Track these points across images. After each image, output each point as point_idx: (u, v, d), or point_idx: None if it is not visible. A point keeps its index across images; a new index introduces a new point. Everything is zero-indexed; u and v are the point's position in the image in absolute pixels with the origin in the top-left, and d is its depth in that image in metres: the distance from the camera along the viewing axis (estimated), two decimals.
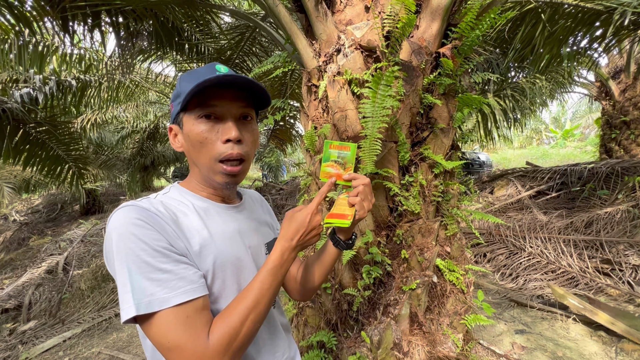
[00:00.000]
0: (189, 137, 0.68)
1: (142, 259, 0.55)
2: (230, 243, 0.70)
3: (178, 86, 0.70)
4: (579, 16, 3.21)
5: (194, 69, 0.70)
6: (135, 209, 0.59)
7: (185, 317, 0.55)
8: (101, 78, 5.64)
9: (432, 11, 1.59)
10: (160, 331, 0.54)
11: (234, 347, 0.57)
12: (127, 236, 0.56)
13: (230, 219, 0.74)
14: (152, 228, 0.58)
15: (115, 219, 0.59)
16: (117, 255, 0.55)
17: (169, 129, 0.72)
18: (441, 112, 1.63)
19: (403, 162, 1.59)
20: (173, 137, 0.72)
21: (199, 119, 0.67)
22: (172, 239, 0.60)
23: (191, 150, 0.70)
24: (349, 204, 0.76)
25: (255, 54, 4.51)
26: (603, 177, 4.82)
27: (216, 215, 0.71)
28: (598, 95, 6.50)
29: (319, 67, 1.69)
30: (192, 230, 0.65)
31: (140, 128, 9.95)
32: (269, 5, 1.77)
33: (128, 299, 0.54)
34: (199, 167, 0.71)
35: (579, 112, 18.44)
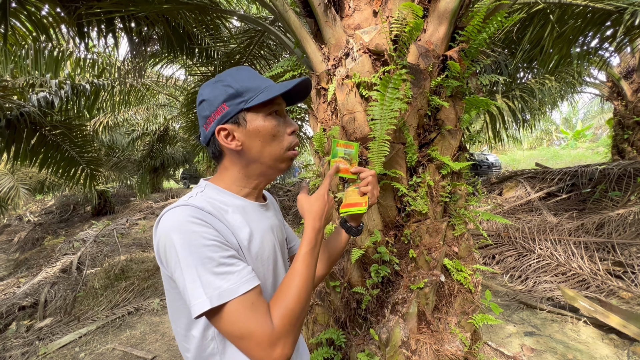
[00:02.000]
0: (260, 132, 0.73)
1: (206, 254, 0.59)
2: (267, 238, 0.77)
3: (235, 85, 0.71)
4: (589, 16, 3.19)
5: (237, 68, 0.76)
6: (190, 209, 0.63)
7: (251, 304, 0.60)
8: (113, 82, 5.79)
9: (439, 15, 1.62)
10: (230, 320, 0.58)
11: (295, 326, 0.63)
12: (189, 234, 0.59)
13: (264, 216, 0.80)
14: (209, 225, 0.63)
15: (171, 218, 0.62)
16: (181, 254, 0.59)
17: (218, 130, 0.72)
18: (448, 114, 1.65)
19: (411, 163, 1.61)
20: (225, 137, 0.73)
21: (269, 115, 0.74)
22: (225, 235, 0.65)
23: (258, 145, 0.74)
24: (361, 193, 0.87)
25: (264, 57, 4.58)
26: (615, 178, 4.75)
27: (252, 213, 0.77)
28: (610, 95, 6.41)
29: (328, 71, 1.73)
30: (238, 227, 0.70)
31: (150, 130, 10.13)
32: (279, 11, 1.82)
33: (200, 293, 0.58)
34: (264, 160, 0.75)
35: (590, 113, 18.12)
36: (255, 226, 0.75)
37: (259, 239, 0.74)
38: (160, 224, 0.63)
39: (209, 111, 0.72)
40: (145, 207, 10.84)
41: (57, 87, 4.68)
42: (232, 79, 0.72)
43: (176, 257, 0.59)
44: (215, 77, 0.74)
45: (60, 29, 3.36)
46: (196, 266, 0.58)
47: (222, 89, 0.71)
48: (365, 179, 0.88)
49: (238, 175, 0.77)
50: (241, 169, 0.77)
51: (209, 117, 0.73)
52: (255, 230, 0.74)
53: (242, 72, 0.74)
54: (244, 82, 0.72)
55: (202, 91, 0.74)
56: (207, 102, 0.72)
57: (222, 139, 0.72)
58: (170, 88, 8.07)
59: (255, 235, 0.73)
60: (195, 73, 5.24)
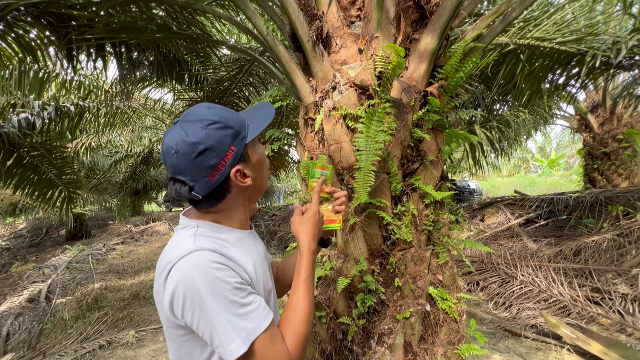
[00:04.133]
0: (260, 162, 0.77)
1: (230, 299, 0.62)
2: (264, 266, 0.80)
3: (232, 124, 0.70)
4: (555, 56, 3.47)
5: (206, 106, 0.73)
6: (207, 253, 0.64)
7: (270, 337, 0.64)
8: (99, 104, 5.75)
9: (420, 54, 1.73)
10: (257, 357, 0.62)
11: (305, 347, 0.68)
12: (213, 281, 0.61)
13: (256, 244, 0.83)
14: (228, 268, 0.64)
15: (189, 266, 0.62)
16: (208, 302, 0.60)
17: (234, 174, 0.71)
18: (430, 146, 1.73)
19: (395, 192, 1.66)
20: (242, 178, 0.73)
21: (258, 143, 0.78)
22: (240, 274, 0.67)
23: (260, 174, 0.77)
24: (335, 212, 0.94)
25: (253, 84, 4.70)
26: (588, 206, 4.98)
27: (247, 242, 0.78)
28: (579, 127, 6.84)
29: (316, 102, 1.79)
30: (245, 262, 0.71)
31: (134, 152, 9.97)
32: (270, 45, 1.91)
33: (233, 338, 0.61)
34: (261, 186, 0.79)
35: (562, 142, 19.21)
36: (254, 255, 0.77)
37: (260, 268, 0.76)
38: (175, 273, 0.62)
39: (218, 158, 0.68)
40: (124, 231, 10.45)
41: (40, 108, 4.61)
42: (223, 118, 0.70)
43: (201, 305, 0.61)
44: (199, 122, 0.68)
45: (48, 51, 3.35)
46: (225, 312, 0.61)
47: (223, 132, 0.69)
48: (339, 198, 0.94)
49: (239, 210, 0.78)
50: (244, 202, 0.78)
51: (218, 165, 0.69)
52: (256, 260, 0.76)
53: (219, 110, 0.72)
54: (232, 118, 0.72)
55: (198, 139, 0.67)
56: (212, 150, 0.68)
57: (239, 180, 0.72)
58: (157, 111, 8.07)
59: (257, 265, 0.75)
60: (184, 98, 5.29)
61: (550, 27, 3.13)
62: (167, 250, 0.70)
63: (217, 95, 4.53)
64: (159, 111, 8.09)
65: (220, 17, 2.59)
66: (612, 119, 6.29)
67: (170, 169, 0.70)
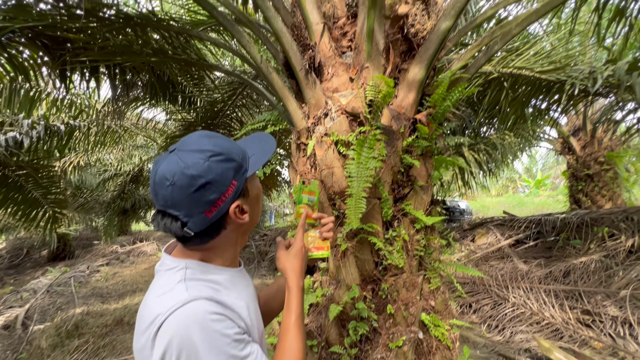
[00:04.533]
0: (257, 196, 0.73)
1: (229, 354, 0.58)
2: (256, 307, 0.76)
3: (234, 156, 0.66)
4: (537, 84, 3.64)
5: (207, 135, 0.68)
6: (205, 303, 0.59)
7: None
8: (91, 123, 5.72)
9: (408, 83, 1.80)
10: None
11: None
12: (212, 335, 0.57)
13: (247, 283, 0.78)
14: (226, 318, 0.60)
15: (188, 319, 0.57)
16: (207, 355, 0.56)
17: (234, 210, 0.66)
18: (420, 171, 1.77)
19: (386, 218, 1.68)
20: (241, 214, 0.68)
21: (256, 176, 0.73)
22: (237, 321, 0.62)
23: (256, 208, 0.73)
24: (322, 238, 0.92)
25: (246, 106, 4.77)
26: (575, 227, 5.07)
27: (238, 282, 0.73)
28: (562, 150, 7.07)
29: (308, 128, 1.83)
30: (240, 307, 0.66)
31: (123, 171, 9.84)
32: (264, 72, 1.96)
33: None
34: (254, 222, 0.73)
35: (547, 163, 19.78)
36: (246, 296, 0.72)
37: (253, 311, 0.72)
38: (168, 328, 0.56)
39: (218, 193, 0.63)
40: (109, 251, 10.13)
41: (29, 127, 4.56)
42: (226, 150, 0.65)
43: (198, 355, 0.56)
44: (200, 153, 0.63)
45: (41, 71, 3.35)
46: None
47: (226, 164, 0.64)
48: (326, 224, 0.91)
49: (231, 247, 0.73)
50: (237, 238, 0.73)
51: (218, 200, 0.63)
52: (249, 302, 0.71)
53: (220, 140, 0.67)
54: (234, 150, 0.67)
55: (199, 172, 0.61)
56: (213, 185, 0.62)
57: (237, 216, 0.67)
58: (149, 130, 8.06)
59: (250, 308, 0.71)
60: (177, 118, 5.31)
61: (531, 57, 3.30)
62: (152, 299, 0.62)
63: (210, 117, 4.57)
64: (150, 130, 8.08)
65: (215, 43, 2.66)
66: (593, 142, 6.54)
67: (160, 201, 0.63)
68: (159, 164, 0.64)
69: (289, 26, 1.93)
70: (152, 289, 0.65)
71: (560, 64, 3.28)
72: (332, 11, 1.83)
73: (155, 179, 0.63)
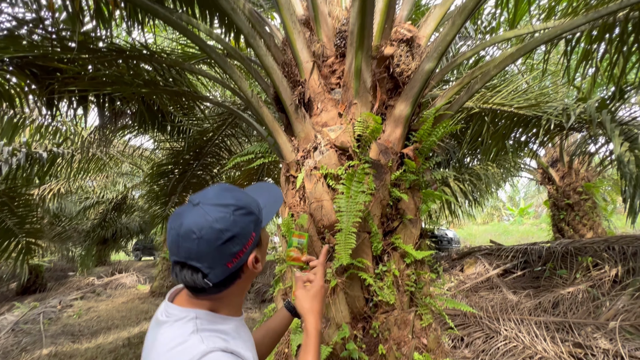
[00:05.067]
0: (266, 244, 0.76)
1: None
2: (255, 356, 0.73)
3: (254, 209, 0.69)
4: (515, 119, 3.82)
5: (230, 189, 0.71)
6: (224, 355, 0.59)
7: None
8: (75, 150, 5.60)
9: (395, 119, 1.87)
10: None
11: None
12: None
13: (247, 331, 0.77)
14: None
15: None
16: None
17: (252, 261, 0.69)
18: (408, 205, 1.78)
19: (376, 252, 1.66)
20: (256, 264, 0.70)
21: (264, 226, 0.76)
22: None
23: (264, 257, 0.74)
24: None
25: (235, 135, 4.80)
26: (560, 256, 5.14)
27: (242, 332, 0.73)
28: (542, 180, 7.33)
29: (297, 161, 1.84)
30: (246, 357, 0.65)
31: (106, 199, 9.56)
32: (254, 106, 2.00)
33: None
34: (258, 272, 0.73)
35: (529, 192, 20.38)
36: (249, 345, 0.72)
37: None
38: None
39: (241, 245, 0.66)
40: (85, 284, 9.60)
41: (9, 154, 4.43)
42: (247, 204, 0.68)
43: None
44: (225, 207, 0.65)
45: (27, 99, 3.31)
46: None
47: (248, 218, 0.67)
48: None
49: (240, 295, 0.74)
50: (246, 287, 0.75)
51: (240, 251, 0.66)
52: (252, 351, 0.70)
53: (239, 193, 0.71)
54: (252, 203, 0.70)
55: (226, 226, 0.64)
56: (238, 237, 0.65)
57: (254, 266, 0.69)
58: (135, 158, 7.96)
59: (254, 356, 0.69)
60: (166, 147, 5.28)
61: (508, 95, 3.49)
62: (163, 353, 0.61)
63: (199, 145, 4.56)
64: (137, 157, 7.98)
65: (207, 76, 2.72)
66: (570, 173, 6.81)
67: (183, 253, 0.63)
68: (182, 217, 0.65)
69: (279, 63, 2.00)
70: (160, 342, 0.63)
71: (536, 101, 3.48)
72: (322, 50, 1.92)
73: (180, 232, 0.63)
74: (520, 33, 2.88)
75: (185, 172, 5.03)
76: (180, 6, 2.93)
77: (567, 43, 2.80)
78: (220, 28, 3.32)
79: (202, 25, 2.52)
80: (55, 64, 2.69)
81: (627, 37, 2.50)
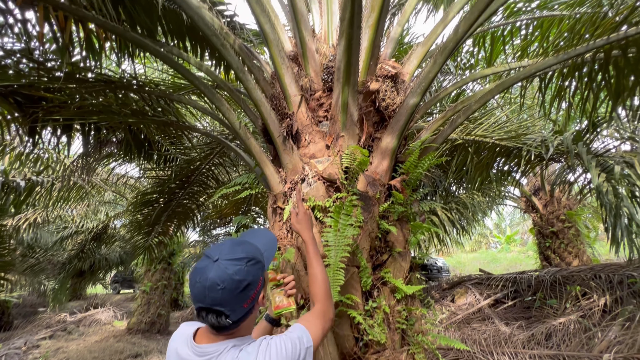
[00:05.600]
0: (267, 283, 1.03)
1: None
2: None
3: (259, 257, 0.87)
4: (497, 150, 3.95)
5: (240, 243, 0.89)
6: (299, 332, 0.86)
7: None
8: (55, 179, 5.42)
9: (382, 151, 1.89)
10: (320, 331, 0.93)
11: (331, 298, 1.03)
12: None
13: None
14: None
15: None
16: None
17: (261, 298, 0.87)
18: (397, 237, 1.76)
19: (366, 287, 1.61)
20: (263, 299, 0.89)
21: None
22: None
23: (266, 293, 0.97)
24: (287, 295, 1.10)
25: (223, 164, 4.76)
26: (549, 285, 5.12)
27: None
28: (527, 208, 7.48)
29: (285, 193, 1.82)
30: None
31: (86, 228, 9.15)
32: (242, 138, 2.00)
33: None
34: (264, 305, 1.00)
35: (515, 220, 20.71)
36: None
37: None
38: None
39: (254, 289, 0.82)
40: (56, 321, 8.94)
41: None
42: (254, 255, 0.85)
43: None
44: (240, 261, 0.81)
45: (9, 127, 3.23)
46: None
47: (257, 266, 0.84)
48: (289, 282, 1.12)
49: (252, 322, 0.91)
50: (255, 316, 0.90)
51: (253, 294, 0.82)
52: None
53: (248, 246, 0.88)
54: (257, 252, 0.88)
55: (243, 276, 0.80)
56: (252, 284, 0.81)
57: (261, 303, 0.87)
58: (120, 186, 7.76)
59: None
60: (152, 176, 5.18)
61: (490, 127, 3.63)
62: None
63: (186, 174, 4.50)
64: (121, 186, 7.78)
65: (196, 107, 2.73)
66: (553, 201, 6.99)
67: (209, 301, 0.78)
68: (206, 272, 0.80)
69: (268, 96, 2.03)
70: None
71: (515, 134, 3.62)
72: (309, 85, 1.96)
73: (206, 285, 0.78)
74: (497, 71, 3.06)
75: (171, 201, 4.91)
76: (172, 39, 3.00)
77: (541, 81, 2.97)
78: (210, 60, 3.40)
79: (192, 58, 2.57)
80: (42, 93, 2.66)
81: (594, 75, 2.67)
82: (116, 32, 2.05)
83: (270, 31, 1.85)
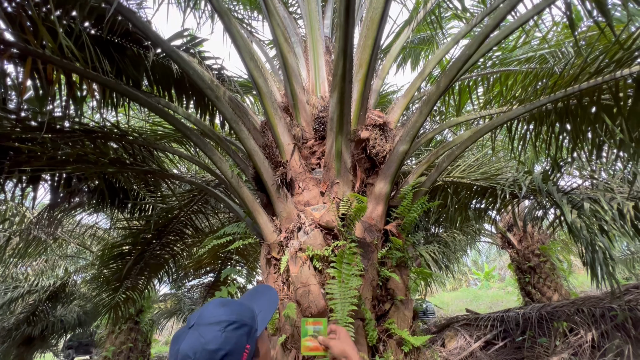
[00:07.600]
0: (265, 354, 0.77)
1: None
2: None
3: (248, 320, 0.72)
4: (474, 189, 4.15)
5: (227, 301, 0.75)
6: None
7: None
8: (13, 233, 4.94)
9: (376, 197, 1.91)
10: None
11: None
12: None
13: None
14: None
15: None
16: None
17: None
18: (398, 284, 1.72)
19: (372, 342, 1.51)
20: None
21: (263, 332, 0.78)
22: None
23: None
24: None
25: (202, 211, 4.59)
26: (536, 322, 5.12)
27: None
28: (503, 244, 7.70)
29: (280, 242, 1.76)
30: None
31: (40, 287, 8.21)
32: (234, 186, 1.96)
33: None
34: None
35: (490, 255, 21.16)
36: None
37: None
38: None
39: (236, 358, 0.68)
40: None
41: None
42: (239, 316, 0.71)
43: None
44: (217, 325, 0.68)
45: None
46: None
47: (240, 331, 0.69)
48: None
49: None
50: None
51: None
52: None
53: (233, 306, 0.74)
54: (245, 313, 0.73)
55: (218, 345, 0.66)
56: (231, 354, 0.66)
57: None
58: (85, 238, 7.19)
59: None
60: (124, 227, 4.87)
61: (467, 168, 3.84)
62: None
63: (162, 224, 4.27)
64: (87, 238, 7.22)
65: (181, 155, 2.69)
66: (526, 237, 7.26)
67: None
68: (179, 341, 0.69)
69: (260, 145, 2.05)
70: None
71: (489, 174, 3.84)
72: (302, 134, 2.01)
73: (177, 358, 0.67)
74: (469, 118, 3.34)
75: (144, 252, 4.57)
76: (158, 90, 3.02)
77: (508, 129, 3.25)
78: (195, 109, 3.43)
79: (180, 109, 2.58)
80: (10, 143, 2.52)
81: (555, 120, 2.97)
82: (109, 86, 2.03)
83: (264, 84, 1.92)
